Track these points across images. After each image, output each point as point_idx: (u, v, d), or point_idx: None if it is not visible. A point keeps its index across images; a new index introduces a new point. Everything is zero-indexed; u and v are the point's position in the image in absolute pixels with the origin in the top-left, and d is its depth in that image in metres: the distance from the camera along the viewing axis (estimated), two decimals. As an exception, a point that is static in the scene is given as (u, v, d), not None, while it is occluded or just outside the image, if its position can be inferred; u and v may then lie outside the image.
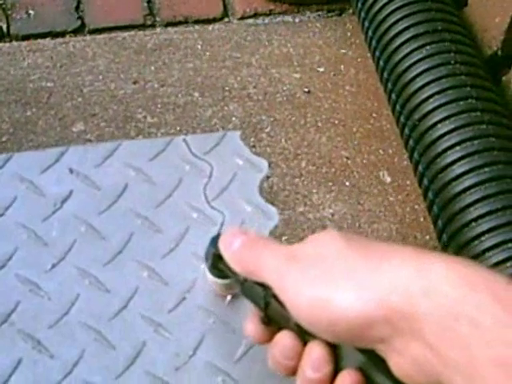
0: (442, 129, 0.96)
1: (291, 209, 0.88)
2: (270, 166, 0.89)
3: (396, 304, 0.46)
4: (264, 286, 0.54)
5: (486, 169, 0.93)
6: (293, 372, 0.54)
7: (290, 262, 0.52)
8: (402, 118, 0.98)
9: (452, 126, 0.95)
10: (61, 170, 0.81)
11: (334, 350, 0.52)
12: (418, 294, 0.45)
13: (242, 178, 0.83)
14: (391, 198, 0.94)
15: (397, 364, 0.48)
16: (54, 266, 0.76)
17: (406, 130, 0.97)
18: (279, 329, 0.55)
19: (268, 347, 0.56)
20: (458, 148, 0.95)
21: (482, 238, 0.91)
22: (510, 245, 0.90)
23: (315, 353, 0.52)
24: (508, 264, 0.89)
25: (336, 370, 0.52)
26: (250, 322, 0.57)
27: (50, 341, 0.72)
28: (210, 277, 0.70)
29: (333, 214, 0.91)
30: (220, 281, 0.71)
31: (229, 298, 0.75)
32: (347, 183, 0.93)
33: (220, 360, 0.72)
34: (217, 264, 0.63)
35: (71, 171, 0.81)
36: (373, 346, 0.49)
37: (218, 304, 0.74)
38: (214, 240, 0.63)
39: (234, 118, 0.93)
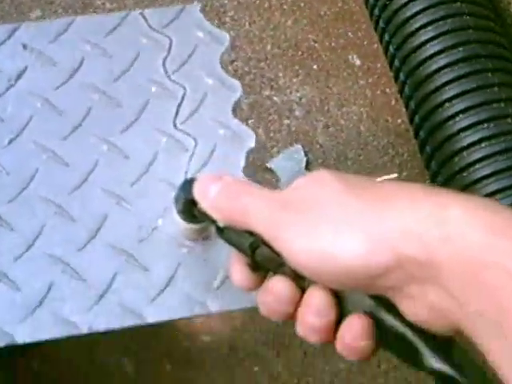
0: (414, 7, 1.00)
1: (257, 93, 0.92)
2: (234, 49, 0.93)
3: (411, 252, 0.46)
4: (250, 232, 0.55)
5: (460, 48, 0.97)
6: (288, 318, 0.55)
7: (283, 209, 0.52)
8: (371, -1, 1.01)
9: (423, 6, 0.99)
10: (14, 46, 0.84)
11: (337, 293, 0.53)
12: (436, 241, 0.45)
13: (202, 51, 0.86)
14: (361, 82, 0.98)
15: (410, 310, 0.49)
16: (11, 141, 0.80)
17: (376, 11, 1.00)
18: (267, 271, 0.56)
19: (258, 293, 0.56)
20: (430, 28, 0.99)
21: (457, 119, 0.96)
22: (485, 125, 0.95)
23: (317, 299, 0.52)
24: (483, 144, 0.95)
25: (341, 315, 0.53)
26: (235, 268, 0.58)
27: (10, 215, 0.76)
28: (179, 221, 0.71)
29: (300, 98, 0.95)
30: (192, 226, 0.72)
31: (200, 241, 0.76)
32: (315, 66, 0.97)
33: (177, 226, 0.77)
34: (190, 209, 0.65)
35: (25, 47, 0.85)
36: (382, 293, 0.50)
37: (182, 176, 0.79)
38: (185, 185, 0.65)
39: (195, 2, 0.97)
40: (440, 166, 0.98)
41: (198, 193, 0.60)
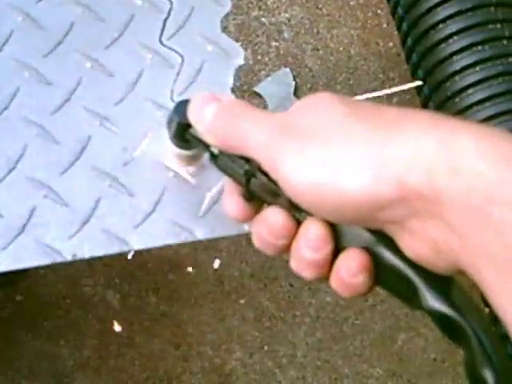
0: None
1: (245, 13, 0.89)
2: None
3: (416, 184, 0.44)
4: (245, 159, 0.53)
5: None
6: (282, 251, 0.53)
7: (282, 135, 0.50)
8: None
9: None
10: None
11: (334, 227, 0.51)
12: (443, 173, 0.43)
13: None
14: (352, 2, 0.95)
15: (409, 245, 0.48)
16: (-11, 58, 0.77)
17: None
18: (262, 202, 0.54)
19: (252, 224, 0.55)
20: None
21: (450, 41, 0.93)
22: (480, 47, 0.92)
23: (312, 232, 0.51)
24: (477, 68, 0.93)
25: (337, 249, 0.51)
26: (228, 198, 0.56)
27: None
28: (171, 147, 0.69)
29: (289, 19, 0.92)
30: (184, 152, 0.69)
31: (193, 169, 0.74)
32: (304, -17, 0.94)
33: (169, 153, 0.75)
34: (182, 134, 0.62)
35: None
36: (382, 227, 0.48)
37: (168, 95, 0.77)
38: (179, 107, 0.62)
39: None
40: (432, 92, 0.96)
41: (192, 115, 0.58)
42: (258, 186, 0.53)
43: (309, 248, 0.51)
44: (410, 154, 0.45)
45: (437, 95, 0.96)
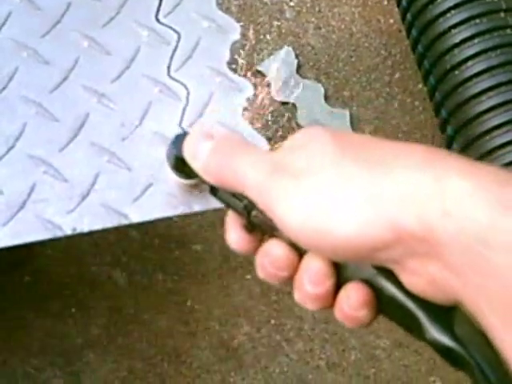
0: None
1: (247, -6, 0.91)
2: None
3: (410, 226, 0.45)
4: (244, 196, 0.53)
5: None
6: (286, 281, 0.54)
7: (276, 175, 0.51)
8: None
9: None
10: None
11: (335, 261, 0.51)
12: (435, 215, 0.44)
13: None
14: (352, -21, 0.97)
15: (409, 281, 0.49)
16: (-12, 39, 0.80)
17: None
18: (264, 233, 0.55)
19: (256, 256, 0.55)
20: None
21: (448, 15, 0.95)
22: (477, 20, 0.94)
23: (313, 267, 0.51)
24: (476, 41, 0.95)
25: (340, 281, 0.52)
26: (230, 229, 0.56)
27: (-9, 116, 0.76)
28: (173, 176, 0.70)
29: (291, -1, 0.94)
30: (186, 181, 0.70)
31: (197, 192, 0.74)
32: (303, -39, 0.96)
33: (167, 128, 0.78)
34: (181, 167, 0.63)
35: None
36: (381, 264, 0.49)
37: (165, 71, 0.80)
38: (176, 140, 0.62)
39: None
40: (432, 66, 0.98)
41: (187, 153, 0.58)
42: (257, 219, 0.54)
43: (310, 282, 0.52)
44: (404, 195, 0.45)
45: (437, 68, 0.98)
